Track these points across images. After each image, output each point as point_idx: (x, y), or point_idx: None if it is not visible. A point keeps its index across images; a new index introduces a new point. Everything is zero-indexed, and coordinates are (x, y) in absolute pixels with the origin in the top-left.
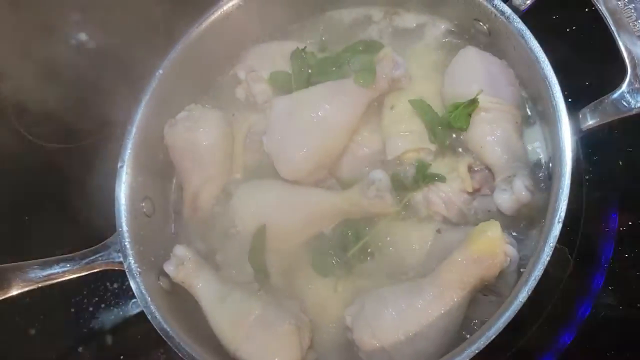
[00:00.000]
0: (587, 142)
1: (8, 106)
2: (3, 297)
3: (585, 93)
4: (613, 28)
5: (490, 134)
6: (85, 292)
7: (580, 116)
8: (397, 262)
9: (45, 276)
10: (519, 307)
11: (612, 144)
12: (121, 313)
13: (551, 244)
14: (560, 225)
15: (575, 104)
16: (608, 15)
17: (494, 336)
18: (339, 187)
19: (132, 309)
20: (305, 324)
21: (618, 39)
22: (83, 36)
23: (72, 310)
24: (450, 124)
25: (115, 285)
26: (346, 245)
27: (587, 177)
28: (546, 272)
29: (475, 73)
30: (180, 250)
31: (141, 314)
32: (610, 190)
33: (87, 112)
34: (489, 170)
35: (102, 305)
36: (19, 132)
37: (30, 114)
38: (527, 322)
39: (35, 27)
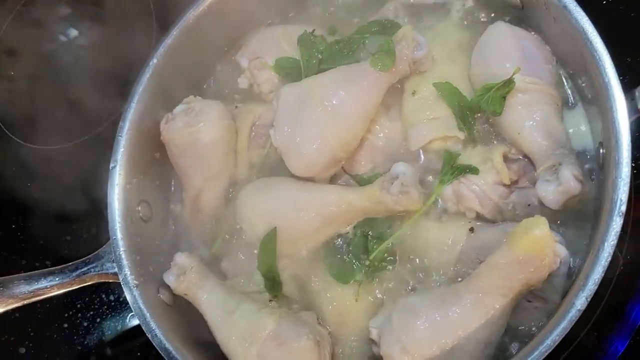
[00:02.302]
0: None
1: None
2: None
3: (635, 71)
4: None
5: (529, 118)
6: (79, 306)
7: (637, 94)
8: (425, 266)
9: (32, 292)
10: (576, 317)
11: None
12: (119, 327)
13: (612, 242)
14: (622, 219)
15: (628, 83)
16: None
17: (547, 352)
18: (355, 184)
19: (131, 322)
20: (324, 338)
21: None
22: (73, 32)
23: (65, 325)
24: (481, 108)
25: (112, 297)
26: (367, 248)
27: (633, 164)
28: None
29: (508, 50)
30: (181, 258)
31: (141, 328)
32: None
33: (78, 111)
34: (528, 159)
35: (98, 320)
36: (4, 133)
37: (17, 114)
38: (574, 329)
39: (23, 24)
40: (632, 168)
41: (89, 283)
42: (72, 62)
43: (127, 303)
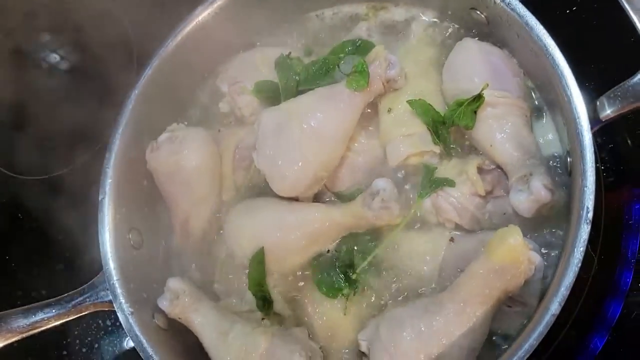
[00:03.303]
0: (601, 130)
1: None
2: None
3: (599, 79)
4: (624, 2)
5: (499, 130)
6: (77, 333)
7: (598, 105)
8: (409, 277)
9: (29, 325)
10: (552, 321)
11: (628, 130)
12: (117, 351)
13: (581, 249)
14: (589, 226)
15: (592, 89)
16: None
17: (526, 356)
18: (337, 201)
19: (128, 345)
20: (316, 353)
21: (632, 14)
22: (54, 57)
23: (65, 352)
24: (454, 122)
25: (109, 322)
26: (353, 263)
27: (603, 167)
28: None
29: (477, 66)
30: (174, 283)
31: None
32: (631, 180)
33: (64, 139)
34: (501, 169)
35: (96, 345)
36: None
37: (3, 145)
38: (553, 330)
39: (2, 51)
40: (601, 169)
41: (85, 312)
42: (55, 88)
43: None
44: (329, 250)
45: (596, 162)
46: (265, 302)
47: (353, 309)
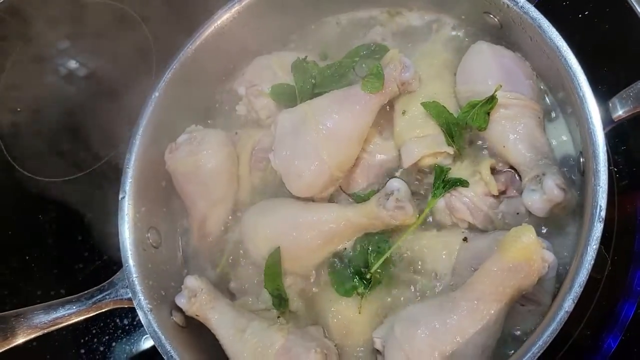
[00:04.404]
0: (614, 133)
1: (0, 142)
2: (8, 347)
3: (611, 83)
4: (634, 3)
5: (512, 131)
6: (94, 332)
7: (610, 106)
8: (423, 276)
9: (51, 321)
10: (565, 318)
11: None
12: (134, 349)
13: (594, 247)
14: (602, 224)
15: (605, 92)
16: None
17: (540, 352)
18: (352, 202)
19: (145, 344)
20: (331, 350)
21: None
22: (73, 64)
23: (82, 351)
24: (467, 124)
25: (126, 322)
26: (367, 262)
27: (616, 170)
28: None
29: (490, 68)
30: (191, 281)
31: (156, 349)
32: None
33: (83, 142)
34: (514, 170)
35: (114, 344)
36: (13, 167)
37: (24, 148)
38: (567, 329)
39: (22, 57)
40: (615, 172)
41: (105, 309)
42: (74, 94)
43: (141, 326)
44: (344, 250)
45: (609, 165)
46: (281, 301)
47: (368, 308)
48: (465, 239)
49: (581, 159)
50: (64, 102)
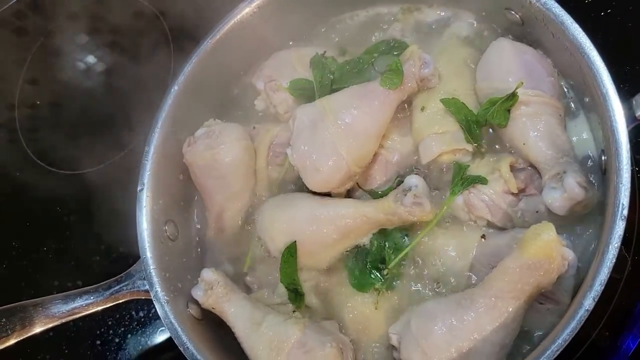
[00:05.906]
0: (635, 130)
1: (20, 135)
2: (26, 336)
3: (635, 81)
4: None
5: (533, 129)
6: (110, 323)
7: (634, 103)
8: (440, 273)
9: (68, 311)
10: (585, 317)
11: None
12: (149, 342)
13: (616, 245)
14: (624, 223)
15: (627, 90)
16: None
17: (559, 350)
18: (369, 197)
19: (160, 337)
20: (346, 345)
21: None
22: (91, 59)
23: (98, 342)
24: (487, 121)
25: (142, 314)
26: (384, 258)
27: (638, 169)
28: None
29: (511, 65)
30: (208, 274)
31: (170, 341)
32: None
33: (101, 136)
34: (534, 168)
35: (129, 336)
36: (32, 160)
37: (43, 142)
38: (586, 329)
39: (42, 52)
40: (637, 172)
41: (122, 300)
42: (92, 88)
43: (156, 319)
44: (362, 245)
45: (631, 164)
46: (297, 295)
47: (384, 304)
48: (483, 237)
49: (603, 158)
50: (82, 96)
